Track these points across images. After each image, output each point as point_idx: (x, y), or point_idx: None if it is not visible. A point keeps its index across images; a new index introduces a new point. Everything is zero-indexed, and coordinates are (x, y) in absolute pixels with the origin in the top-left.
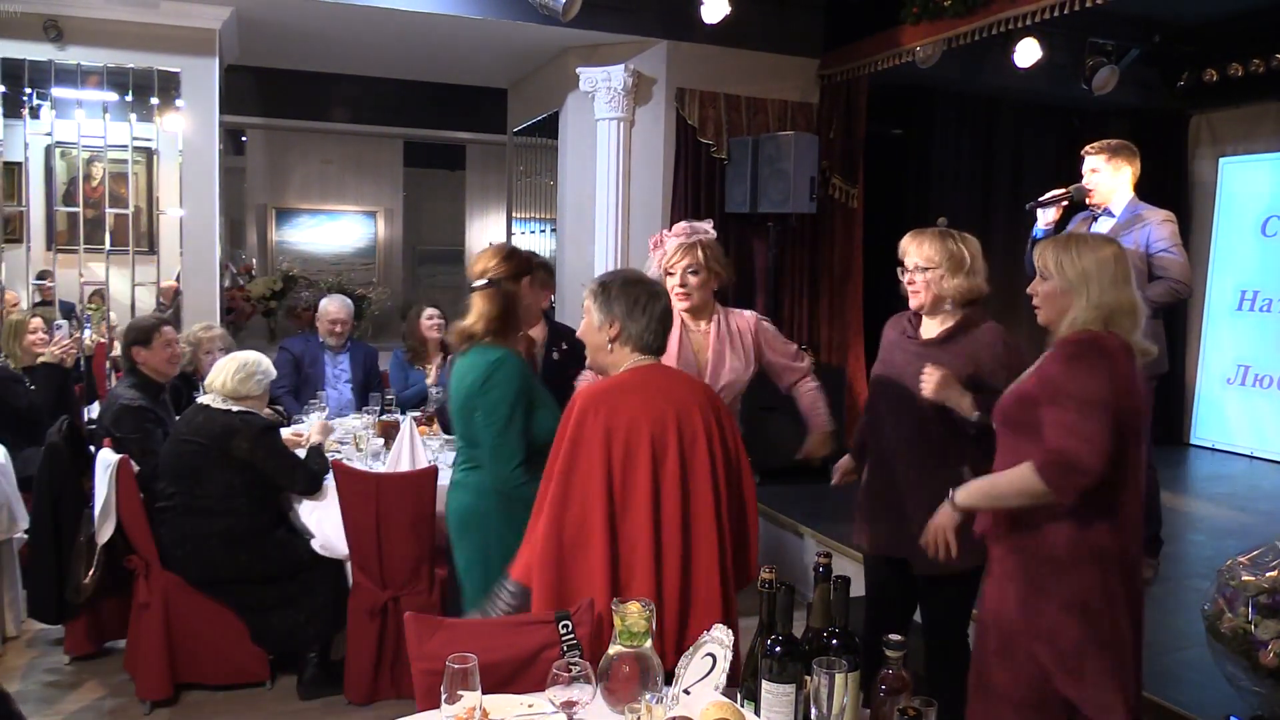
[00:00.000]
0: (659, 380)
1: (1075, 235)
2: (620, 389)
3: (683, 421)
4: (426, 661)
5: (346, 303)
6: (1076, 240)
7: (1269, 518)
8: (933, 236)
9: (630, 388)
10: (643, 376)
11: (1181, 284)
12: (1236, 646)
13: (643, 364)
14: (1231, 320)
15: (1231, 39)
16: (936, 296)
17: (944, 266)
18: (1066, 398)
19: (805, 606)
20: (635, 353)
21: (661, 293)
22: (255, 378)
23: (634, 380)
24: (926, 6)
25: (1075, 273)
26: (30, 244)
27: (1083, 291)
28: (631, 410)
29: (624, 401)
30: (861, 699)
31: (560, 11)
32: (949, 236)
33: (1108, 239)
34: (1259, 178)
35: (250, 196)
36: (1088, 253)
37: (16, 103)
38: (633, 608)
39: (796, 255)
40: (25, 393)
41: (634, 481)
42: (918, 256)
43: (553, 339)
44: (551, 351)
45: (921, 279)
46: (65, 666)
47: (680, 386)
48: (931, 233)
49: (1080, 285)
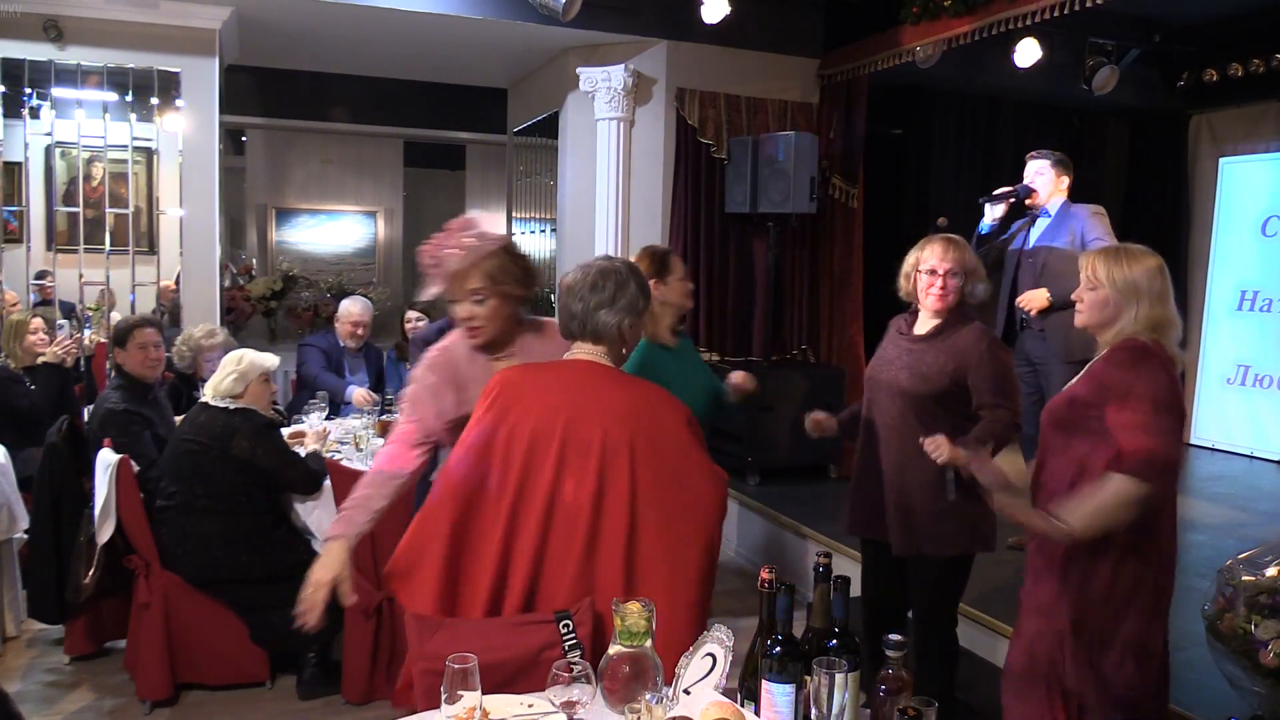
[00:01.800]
0: (575, 378)
1: (1123, 248)
2: (524, 374)
3: (573, 425)
4: (426, 661)
5: (367, 304)
6: (1126, 253)
7: (1269, 518)
8: (960, 244)
9: (535, 376)
10: (555, 368)
11: None
12: (1236, 646)
13: (576, 354)
14: (1231, 320)
15: (1231, 39)
16: (962, 301)
17: (975, 274)
18: (1137, 399)
19: (805, 606)
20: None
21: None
22: (248, 374)
23: (545, 370)
24: (926, 6)
25: (1125, 285)
26: (30, 244)
27: (1132, 303)
28: (524, 399)
29: (521, 389)
30: (862, 699)
31: (560, 11)
32: (968, 245)
33: (1151, 252)
34: (1259, 178)
35: (250, 196)
36: (1136, 265)
37: (16, 103)
38: (633, 608)
39: (796, 255)
40: (26, 393)
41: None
42: (950, 261)
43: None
44: None
45: (952, 284)
46: (65, 666)
47: (592, 389)
48: (959, 240)
49: (1130, 297)
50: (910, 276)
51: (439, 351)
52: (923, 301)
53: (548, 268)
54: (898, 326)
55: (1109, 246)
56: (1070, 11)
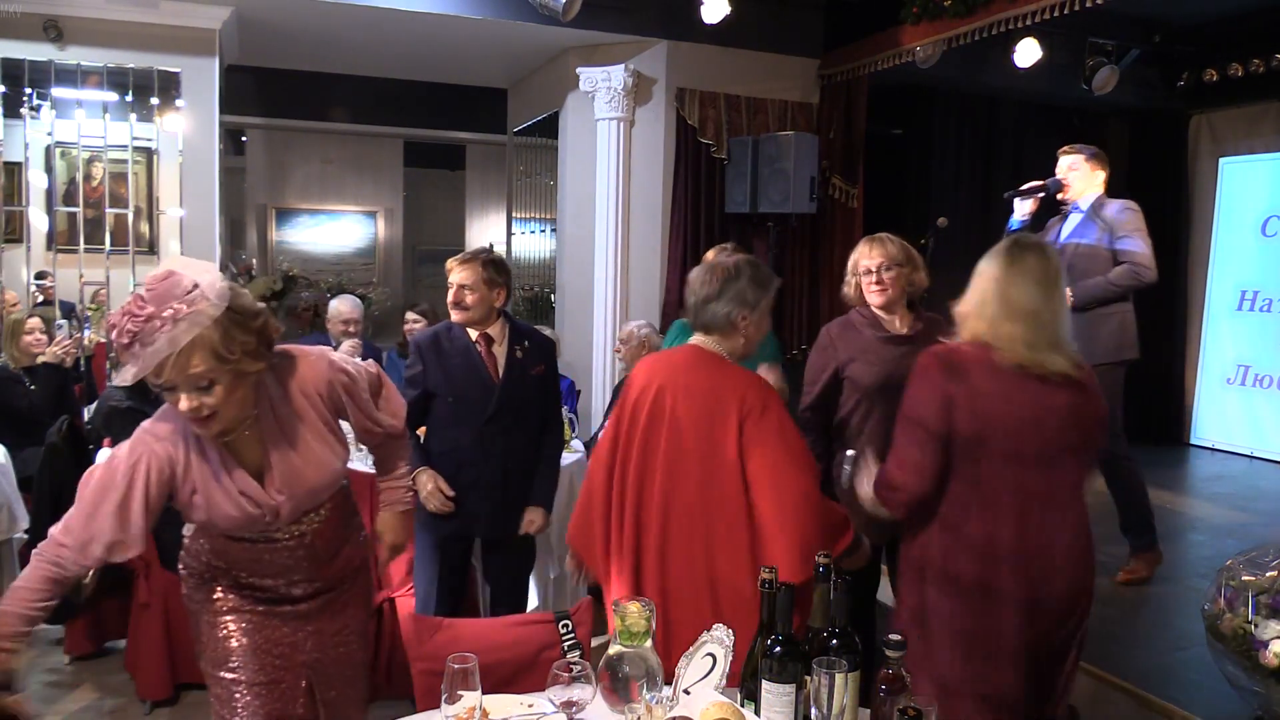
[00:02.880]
0: (691, 361)
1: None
2: (660, 357)
3: (678, 404)
4: (426, 662)
5: (357, 302)
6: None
7: (1269, 518)
8: (886, 239)
9: (665, 358)
10: (678, 354)
11: (1144, 267)
12: (1236, 646)
13: (694, 342)
14: (1231, 320)
15: (1231, 39)
16: (901, 292)
17: (908, 264)
18: (903, 417)
19: None
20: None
21: (713, 278)
22: None
23: (672, 354)
24: (926, 6)
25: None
26: (30, 244)
27: (974, 298)
28: (658, 382)
29: (656, 368)
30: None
31: (560, 11)
32: (897, 239)
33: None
34: (1259, 178)
35: (250, 196)
36: (985, 260)
37: (16, 103)
38: (633, 608)
39: (796, 255)
40: (25, 393)
41: (629, 452)
42: (881, 257)
43: (514, 338)
44: (515, 350)
45: (888, 276)
46: (65, 666)
47: (678, 369)
48: (882, 236)
49: (974, 292)
50: (852, 281)
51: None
52: (868, 300)
53: (548, 268)
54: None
55: (998, 245)
56: (1070, 11)
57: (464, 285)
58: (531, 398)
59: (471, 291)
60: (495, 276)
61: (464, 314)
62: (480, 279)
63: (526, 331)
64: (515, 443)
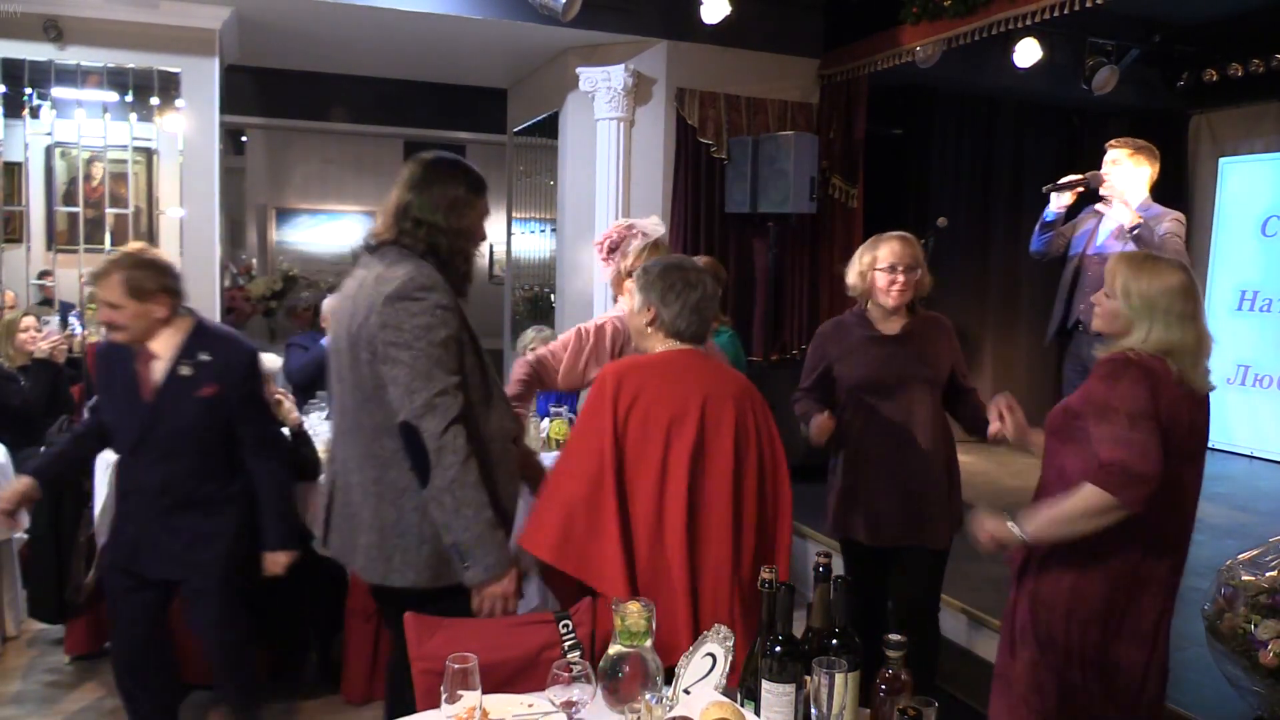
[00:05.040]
0: (690, 366)
1: (1150, 258)
2: (642, 366)
3: (708, 410)
4: (426, 661)
5: None
6: (1151, 265)
7: (1269, 518)
8: (909, 239)
9: (654, 368)
10: (671, 360)
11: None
12: (1236, 646)
13: (674, 349)
14: (1231, 320)
15: (1231, 39)
16: (913, 294)
17: (920, 267)
18: (1113, 412)
19: (805, 606)
20: (669, 338)
21: (698, 282)
22: None
23: (660, 362)
24: (926, 6)
25: (1140, 301)
26: (30, 244)
27: (1145, 321)
28: (651, 389)
29: (645, 379)
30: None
31: (560, 11)
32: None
33: (1178, 268)
34: (1259, 178)
35: (250, 196)
36: (1157, 281)
37: (16, 103)
38: (633, 608)
39: (796, 255)
40: (19, 391)
41: (644, 459)
42: (909, 258)
43: (187, 353)
44: (179, 367)
45: (909, 278)
46: (65, 666)
47: (713, 377)
48: (908, 236)
49: (1143, 314)
50: (866, 275)
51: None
52: (880, 299)
53: (548, 268)
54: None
55: (1136, 254)
56: (1070, 11)
57: (109, 304)
58: (194, 424)
59: (117, 309)
60: (145, 284)
61: (122, 335)
62: (124, 293)
63: (213, 343)
64: (175, 475)
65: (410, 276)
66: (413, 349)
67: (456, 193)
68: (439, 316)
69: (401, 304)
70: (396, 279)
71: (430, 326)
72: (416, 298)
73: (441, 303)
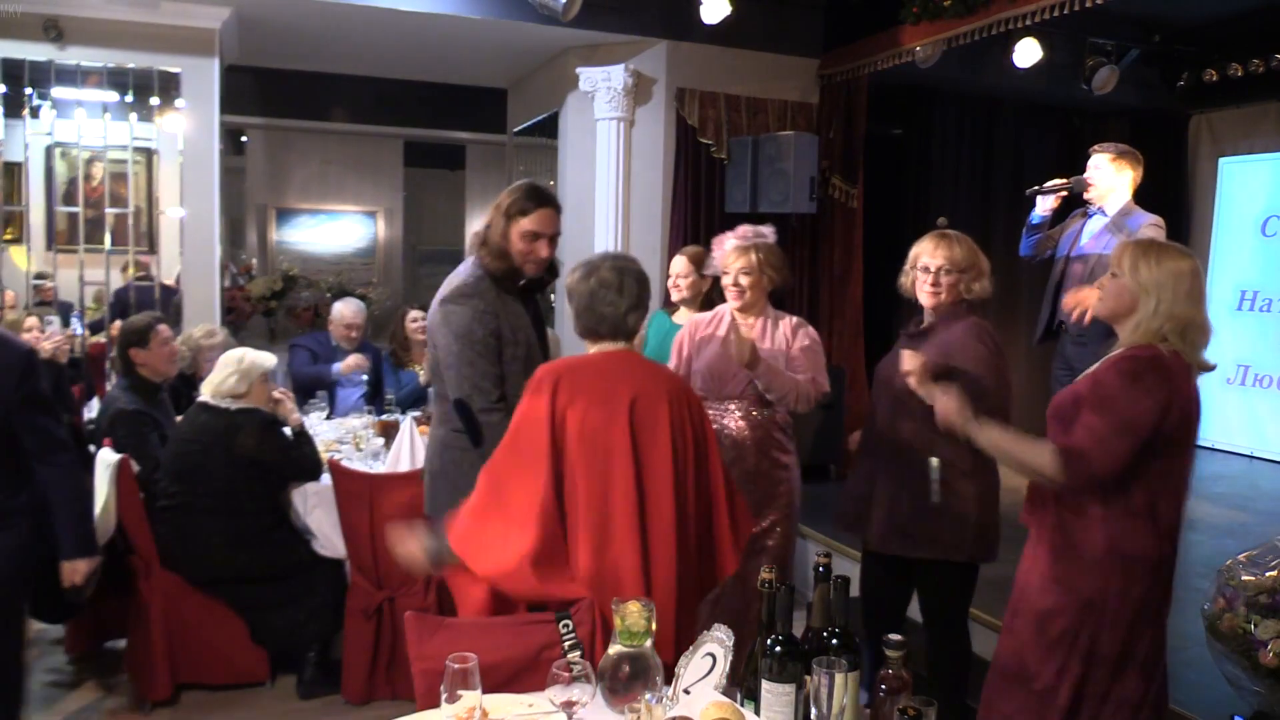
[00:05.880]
0: (622, 365)
1: (1158, 242)
2: (576, 366)
3: (639, 407)
4: (426, 661)
5: (361, 307)
6: (1158, 248)
7: (1269, 518)
8: (957, 241)
9: (588, 367)
10: (605, 359)
11: None
12: (1236, 646)
13: (608, 349)
14: (1231, 320)
15: (1231, 39)
16: (955, 298)
17: (970, 271)
18: (1112, 411)
19: (805, 606)
20: (586, 340)
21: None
22: (250, 373)
23: (594, 361)
24: (926, 6)
25: (1149, 279)
26: (30, 244)
27: (1152, 299)
28: (587, 388)
29: (579, 379)
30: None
31: (560, 11)
32: (967, 242)
33: (1186, 253)
34: (1259, 178)
35: (250, 196)
36: (1166, 261)
37: (16, 103)
38: (633, 607)
39: (796, 255)
40: None
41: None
42: (943, 259)
43: None
44: None
45: (946, 280)
46: (65, 666)
47: (645, 374)
48: (955, 236)
49: (1150, 293)
50: (909, 273)
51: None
52: (919, 298)
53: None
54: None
55: (1145, 239)
56: (1070, 11)
57: None
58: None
59: None
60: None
61: None
62: None
63: None
64: None
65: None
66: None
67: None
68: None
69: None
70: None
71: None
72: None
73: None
